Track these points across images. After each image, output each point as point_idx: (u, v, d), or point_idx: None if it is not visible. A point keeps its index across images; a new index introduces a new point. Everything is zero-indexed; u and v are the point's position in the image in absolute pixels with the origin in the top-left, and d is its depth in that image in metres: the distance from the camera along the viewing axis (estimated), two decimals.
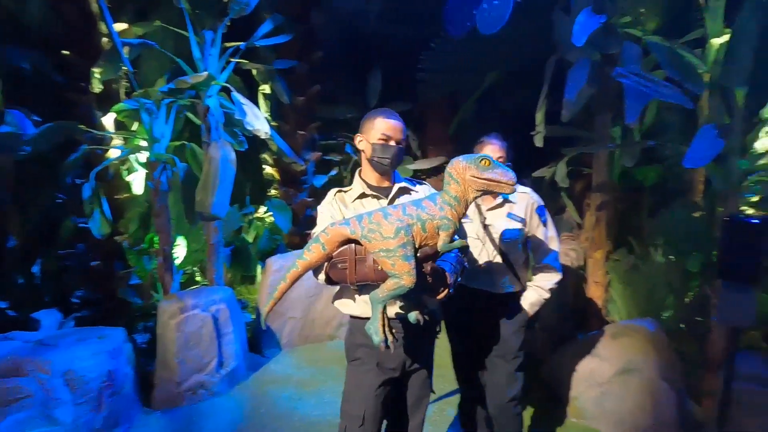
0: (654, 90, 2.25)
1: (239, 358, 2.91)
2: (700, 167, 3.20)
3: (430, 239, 1.28)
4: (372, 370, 1.49)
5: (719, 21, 2.79)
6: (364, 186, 1.53)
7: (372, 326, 1.29)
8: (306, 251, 1.34)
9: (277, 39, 3.16)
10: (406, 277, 1.22)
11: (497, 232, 1.92)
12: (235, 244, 3.45)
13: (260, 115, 2.69)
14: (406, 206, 1.29)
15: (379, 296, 1.26)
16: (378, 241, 1.23)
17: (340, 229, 1.30)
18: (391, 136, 1.47)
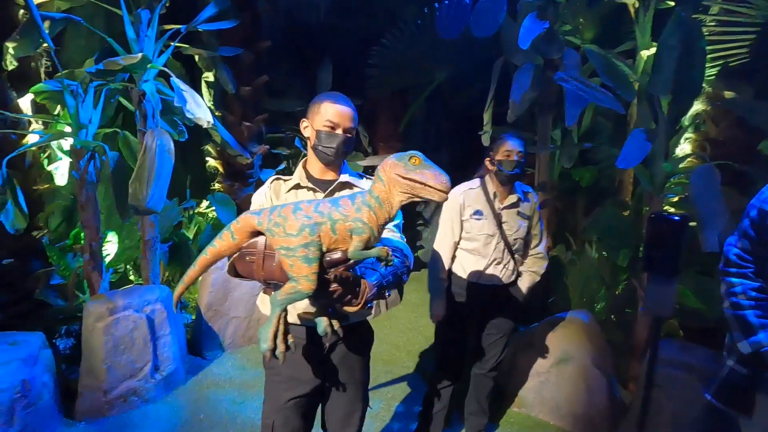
0: (591, 95, 2.38)
1: (177, 361, 2.73)
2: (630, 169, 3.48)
3: (341, 243, 1.11)
4: (283, 381, 1.38)
5: (647, 35, 3.03)
6: (303, 176, 1.40)
7: (264, 331, 1.14)
8: (217, 239, 1.20)
9: (221, 24, 2.99)
10: (303, 282, 1.08)
11: (510, 230, 2.05)
12: (173, 240, 3.24)
13: (202, 103, 2.53)
14: (321, 203, 1.14)
15: (277, 299, 1.12)
16: (280, 236, 1.10)
17: (250, 218, 1.16)
18: (339, 124, 1.32)
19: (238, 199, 3.63)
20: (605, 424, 2.42)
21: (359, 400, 1.47)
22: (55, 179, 3.04)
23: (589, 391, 2.48)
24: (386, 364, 3.16)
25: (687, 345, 2.28)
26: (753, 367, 1.19)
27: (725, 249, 1.33)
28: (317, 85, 4.17)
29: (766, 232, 1.21)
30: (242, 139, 3.57)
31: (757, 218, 1.25)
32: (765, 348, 1.13)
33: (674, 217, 1.78)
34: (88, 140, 2.63)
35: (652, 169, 2.51)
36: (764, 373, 1.16)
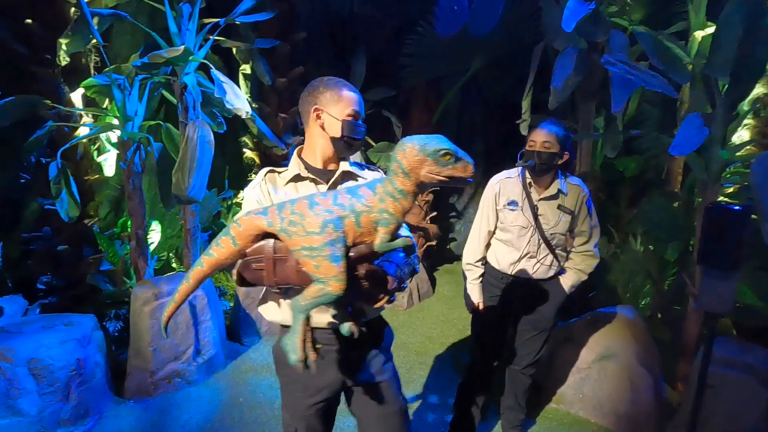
0: (640, 79, 2.25)
1: (217, 346, 2.83)
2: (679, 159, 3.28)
3: (366, 236, 1.03)
4: (300, 391, 1.29)
5: (702, 14, 2.83)
6: (301, 167, 1.28)
7: (290, 341, 1.03)
8: (214, 246, 1.08)
9: (258, 16, 3.02)
10: (332, 283, 0.98)
11: (548, 224, 1.94)
12: (213, 229, 3.33)
13: (241, 95, 2.57)
14: (339, 194, 1.04)
15: (301, 304, 1.01)
16: (299, 236, 0.99)
17: (255, 220, 1.04)
18: (359, 113, 1.28)
19: None
20: (650, 424, 2.32)
21: (392, 398, 1.36)
22: (104, 170, 3.19)
23: (633, 390, 2.38)
24: (419, 355, 3.15)
25: (744, 344, 2.14)
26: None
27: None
28: (351, 75, 4.16)
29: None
30: (278, 131, 3.62)
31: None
32: None
33: (734, 206, 1.67)
34: (134, 132, 2.74)
35: (707, 157, 2.35)
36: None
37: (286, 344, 1.04)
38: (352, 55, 4.15)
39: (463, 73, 3.82)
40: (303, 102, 1.30)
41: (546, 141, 1.85)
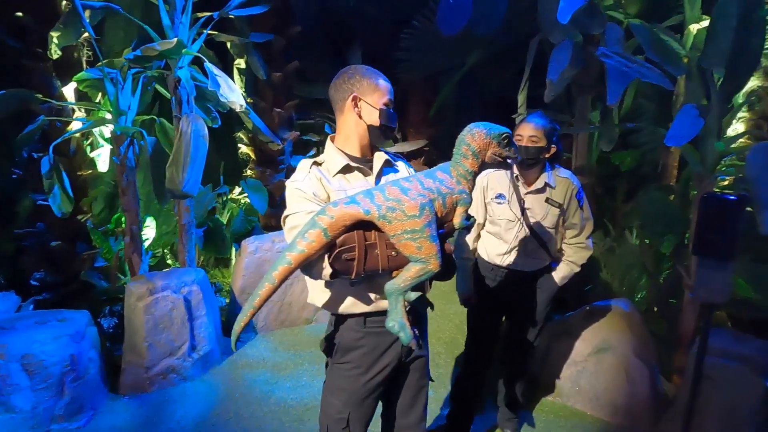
0: (636, 71, 2.24)
1: (213, 341, 2.81)
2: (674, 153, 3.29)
3: (448, 216, 1.14)
4: (363, 374, 1.29)
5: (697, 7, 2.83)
6: (345, 157, 1.27)
7: (396, 322, 1.11)
8: (300, 240, 1.06)
9: (252, 10, 3.00)
10: (433, 261, 1.06)
11: (535, 217, 1.93)
12: (208, 225, 3.32)
13: (235, 88, 2.55)
14: (422, 179, 1.12)
15: (400, 286, 1.08)
16: (401, 221, 1.05)
17: (349, 209, 1.06)
18: (393, 102, 1.30)
19: (269, 185, 3.68)
20: (647, 416, 2.32)
21: (425, 375, 1.42)
22: (97, 165, 3.16)
23: (630, 382, 2.39)
24: None
25: (739, 335, 2.14)
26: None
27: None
28: None
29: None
30: (273, 126, 3.61)
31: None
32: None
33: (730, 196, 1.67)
34: (127, 126, 2.72)
35: (703, 149, 2.35)
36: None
37: (394, 326, 1.12)
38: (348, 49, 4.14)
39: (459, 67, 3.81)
40: (338, 90, 1.28)
41: (533, 135, 1.84)
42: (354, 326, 1.28)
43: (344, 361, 1.31)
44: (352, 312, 1.27)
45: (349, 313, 1.27)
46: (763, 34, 2.15)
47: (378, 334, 1.28)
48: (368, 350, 1.28)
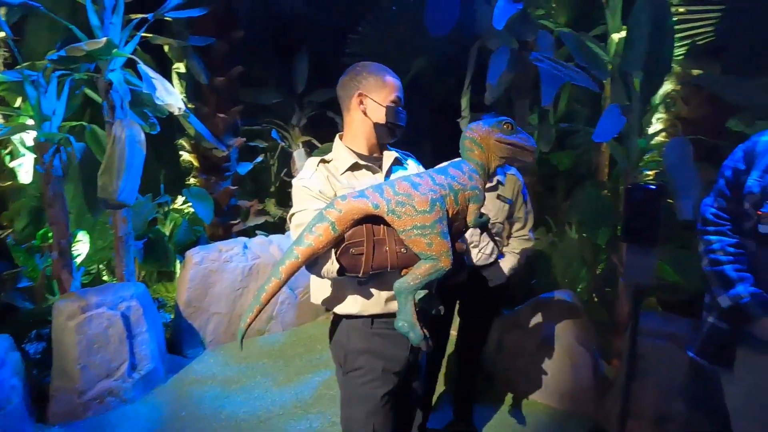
0: (566, 74, 2.40)
1: (156, 359, 2.64)
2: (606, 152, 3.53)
3: (460, 213, 1.10)
4: (378, 379, 1.24)
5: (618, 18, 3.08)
6: (353, 154, 1.25)
7: (406, 322, 1.06)
8: (307, 234, 1.04)
9: (190, 12, 2.90)
10: (444, 258, 1.02)
11: (488, 214, 1.98)
12: (148, 237, 3.13)
13: (173, 90, 2.45)
14: (433, 175, 1.10)
15: (410, 284, 1.03)
16: (410, 216, 1.01)
17: (358, 203, 1.03)
18: (401, 100, 1.25)
19: (215, 193, 3.54)
20: (590, 399, 2.44)
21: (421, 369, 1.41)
22: (18, 177, 2.90)
23: (574, 369, 2.50)
24: None
25: (667, 316, 2.32)
26: (733, 321, 1.21)
27: (702, 209, 1.35)
28: (294, 75, 4.11)
29: (740, 189, 1.23)
30: (217, 132, 3.49)
31: (732, 177, 1.27)
32: (744, 299, 1.15)
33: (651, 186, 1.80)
34: (52, 132, 2.52)
35: (628, 146, 2.54)
36: (744, 326, 1.17)
37: (404, 326, 1.06)
38: (295, 55, 4.10)
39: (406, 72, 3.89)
40: (344, 87, 1.26)
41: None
42: (361, 328, 1.23)
43: (356, 367, 1.25)
44: (359, 313, 1.22)
45: (356, 314, 1.23)
46: (672, 41, 2.38)
47: (386, 335, 1.23)
48: (378, 353, 1.23)
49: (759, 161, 1.20)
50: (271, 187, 4.26)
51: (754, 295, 1.14)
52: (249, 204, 3.83)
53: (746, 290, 1.15)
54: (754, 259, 1.18)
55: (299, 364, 2.95)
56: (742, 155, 1.26)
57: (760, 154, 1.21)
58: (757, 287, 1.15)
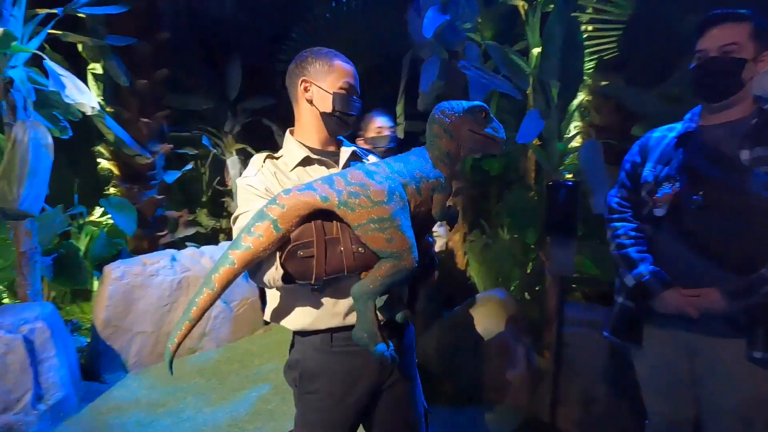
0: (492, 82, 2.55)
1: (67, 387, 2.36)
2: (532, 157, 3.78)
3: (423, 205, 0.98)
4: (336, 405, 1.09)
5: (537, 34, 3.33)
6: (305, 148, 1.13)
7: (365, 332, 0.92)
8: (245, 236, 0.90)
9: (106, 9, 2.71)
10: (407, 256, 0.89)
11: None
12: (59, 253, 2.83)
13: (85, 89, 2.26)
14: (390, 163, 0.99)
15: (369, 288, 0.90)
16: (365, 208, 0.89)
17: (304, 196, 0.91)
18: (354, 88, 1.13)
19: (138, 203, 3.29)
20: (524, 390, 2.55)
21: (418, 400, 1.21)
22: None
23: (509, 362, 2.60)
24: None
25: (588, 305, 2.49)
26: (638, 299, 1.32)
27: (608, 200, 1.47)
28: (226, 81, 3.98)
29: (638, 180, 1.36)
30: (140, 137, 3.26)
31: (630, 169, 1.40)
32: (645, 277, 1.26)
33: (568, 183, 1.95)
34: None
35: (549, 150, 2.74)
36: (647, 302, 1.28)
37: (362, 337, 0.93)
38: (226, 60, 3.98)
39: None
40: (290, 74, 1.14)
41: (390, 126, 2.00)
42: (319, 346, 1.08)
43: (312, 390, 1.10)
44: (315, 328, 1.07)
45: (311, 329, 1.08)
46: (582, 54, 2.62)
47: (348, 353, 1.08)
48: (339, 374, 1.08)
49: (651, 154, 1.34)
50: (203, 197, 4.05)
51: (654, 272, 1.25)
52: (177, 214, 3.60)
53: (647, 269, 1.26)
54: (652, 240, 1.30)
55: (234, 381, 2.79)
56: (638, 150, 1.40)
57: (652, 148, 1.35)
58: (656, 266, 1.26)
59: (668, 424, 1.34)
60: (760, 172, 1.13)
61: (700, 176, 1.19)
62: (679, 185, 1.22)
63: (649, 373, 1.36)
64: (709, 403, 1.25)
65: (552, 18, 2.50)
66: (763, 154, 1.14)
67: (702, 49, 1.21)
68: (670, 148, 1.29)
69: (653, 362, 1.34)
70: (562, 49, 2.54)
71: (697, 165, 1.20)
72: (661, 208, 1.26)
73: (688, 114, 1.34)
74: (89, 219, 3.24)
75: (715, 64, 1.18)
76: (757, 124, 1.18)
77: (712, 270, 1.18)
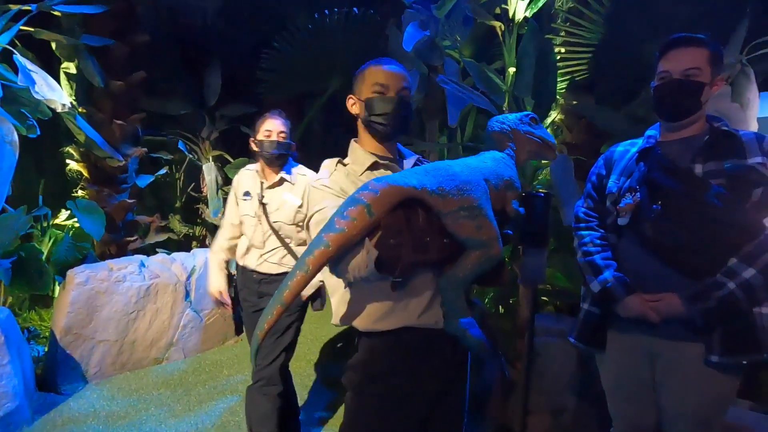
0: (469, 97, 2.62)
1: (19, 397, 2.23)
2: None
3: (498, 202, 1.02)
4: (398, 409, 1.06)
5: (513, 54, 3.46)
6: (370, 154, 1.14)
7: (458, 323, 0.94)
8: (338, 219, 0.89)
9: (83, 8, 2.67)
10: (495, 245, 0.92)
11: (271, 212, 1.89)
12: (19, 255, 2.70)
13: (56, 86, 2.20)
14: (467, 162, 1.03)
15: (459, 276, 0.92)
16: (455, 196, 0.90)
17: (398, 185, 0.91)
18: (389, 85, 1.09)
19: (108, 207, 3.19)
20: (498, 400, 2.55)
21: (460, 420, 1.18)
22: None
23: (483, 375, 2.61)
24: None
25: (559, 315, 2.54)
26: (603, 305, 1.36)
27: (575, 210, 1.53)
28: (205, 88, 3.95)
29: (603, 191, 1.42)
30: (113, 140, 3.18)
31: (597, 181, 1.47)
32: (609, 283, 1.30)
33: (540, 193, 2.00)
34: None
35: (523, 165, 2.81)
36: (612, 309, 1.32)
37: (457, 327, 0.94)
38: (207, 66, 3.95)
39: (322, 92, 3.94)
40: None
41: (282, 131, 1.91)
42: (389, 346, 1.06)
43: (375, 392, 1.07)
44: (387, 328, 1.05)
45: (384, 329, 1.05)
46: (555, 73, 2.72)
47: (417, 355, 1.06)
48: (405, 375, 1.06)
49: (615, 167, 1.41)
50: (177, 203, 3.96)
51: (617, 278, 1.30)
52: (149, 219, 3.50)
53: (611, 275, 1.31)
54: (616, 248, 1.35)
55: (201, 392, 2.70)
56: (603, 162, 1.46)
57: (616, 161, 1.42)
58: (619, 272, 1.31)
59: (631, 429, 1.36)
60: (712, 183, 1.20)
61: (658, 187, 1.26)
62: (639, 195, 1.28)
63: (613, 379, 1.39)
64: (668, 407, 1.28)
65: (526, 38, 2.60)
66: (714, 168, 1.22)
67: (666, 71, 1.28)
68: (632, 161, 1.36)
69: (617, 368, 1.37)
70: (536, 68, 2.64)
71: (655, 177, 1.27)
72: (624, 218, 1.31)
73: (647, 130, 1.41)
74: (54, 221, 3.12)
75: (678, 87, 1.26)
76: (708, 140, 1.26)
77: (672, 276, 1.23)
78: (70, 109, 2.24)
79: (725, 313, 1.17)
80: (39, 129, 2.60)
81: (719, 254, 1.18)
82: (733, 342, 1.18)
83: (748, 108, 2.01)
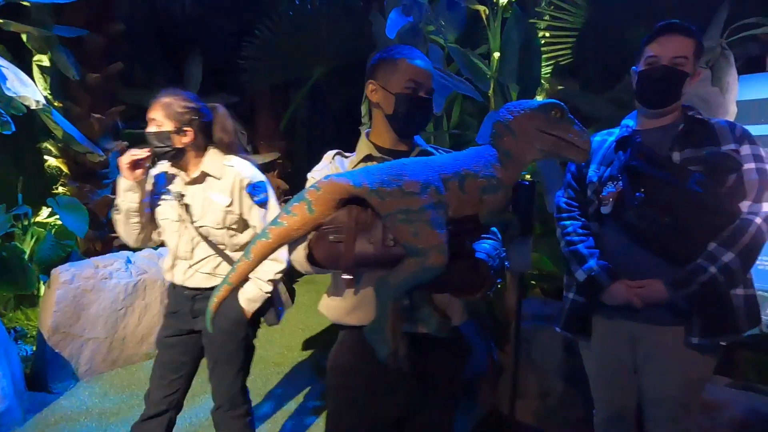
0: (454, 84, 2.60)
1: (9, 398, 2.22)
2: None
3: (467, 206, 0.91)
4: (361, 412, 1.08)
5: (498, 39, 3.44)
6: (371, 147, 1.12)
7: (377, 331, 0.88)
8: (283, 215, 0.91)
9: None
10: (433, 255, 0.83)
11: (195, 213, 1.51)
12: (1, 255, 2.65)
13: (29, 82, 2.13)
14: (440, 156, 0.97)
15: (391, 284, 0.86)
16: (395, 198, 0.85)
17: (338, 182, 0.89)
18: (422, 84, 1.07)
19: (90, 203, 3.13)
20: (488, 385, 2.61)
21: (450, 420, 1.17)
22: None
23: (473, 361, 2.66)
24: (277, 366, 3.00)
25: (545, 300, 2.59)
26: (588, 293, 1.39)
27: (556, 200, 1.54)
28: (185, 78, 3.85)
29: (584, 180, 1.44)
30: (92, 134, 3.10)
31: (576, 171, 1.49)
32: (594, 272, 1.32)
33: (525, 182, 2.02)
34: None
35: None
36: (596, 295, 1.35)
37: (372, 335, 0.89)
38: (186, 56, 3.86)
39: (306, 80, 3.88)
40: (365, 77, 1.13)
41: (153, 118, 1.58)
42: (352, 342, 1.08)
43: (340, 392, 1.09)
44: (348, 322, 1.08)
45: (346, 323, 1.08)
46: (540, 58, 2.72)
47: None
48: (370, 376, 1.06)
49: (594, 157, 1.42)
50: None
51: (602, 266, 1.32)
52: None
53: (596, 263, 1.33)
54: (598, 237, 1.37)
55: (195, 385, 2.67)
56: None
57: (595, 151, 1.43)
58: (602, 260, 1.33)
59: (613, 412, 1.41)
60: (691, 169, 1.22)
61: (640, 175, 1.27)
62: (621, 184, 1.30)
63: (596, 364, 1.43)
64: (649, 389, 1.32)
65: (510, 23, 2.58)
66: (691, 156, 1.24)
67: (655, 56, 1.28)
68: (610, 150, 1.37)
69: (600, 353, 1.41)
70: (521, 53, 2.63)
71: (637, 165, 1.28)
72: (607, 206, 1.33)
73: (624, 120, 1.43)
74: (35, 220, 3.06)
75: (664, 73, 1.26)
76: (684, 128, 1.29)
77: (655, 262, 1.26)
78: (45, 105, 2.17)
79: (707, 297, 1.20)
80: (14, 125, 2.53)
81: (701, 239, 1.21)
82: (712, 323, 1.22)
83: (727, 92, 2.04)
